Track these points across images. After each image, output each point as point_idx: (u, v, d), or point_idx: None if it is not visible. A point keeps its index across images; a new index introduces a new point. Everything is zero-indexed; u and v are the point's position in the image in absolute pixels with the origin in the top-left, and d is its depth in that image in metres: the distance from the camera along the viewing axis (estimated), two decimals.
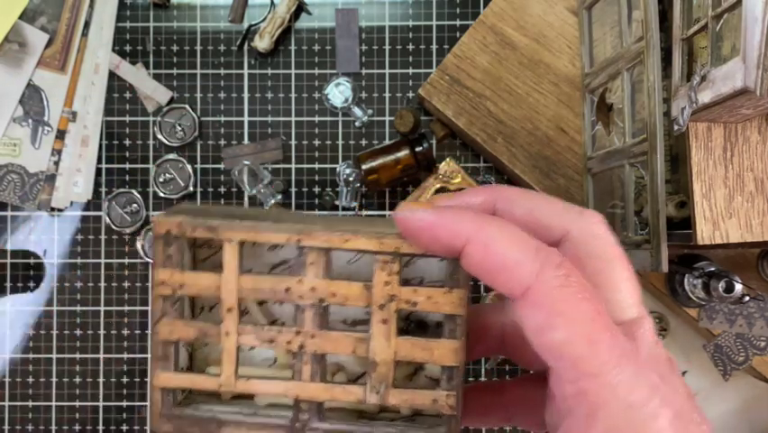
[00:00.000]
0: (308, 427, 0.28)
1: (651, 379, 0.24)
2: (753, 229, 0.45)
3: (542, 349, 0.24)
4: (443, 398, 0.28)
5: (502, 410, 0.32)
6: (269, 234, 0.27)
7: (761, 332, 0.58)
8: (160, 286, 0.28)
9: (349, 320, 0.32)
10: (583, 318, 0.23)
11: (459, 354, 0.28)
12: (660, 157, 0.45)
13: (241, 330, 0.28)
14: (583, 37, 0.57)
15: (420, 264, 0.32)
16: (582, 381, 0.23)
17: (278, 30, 0.61)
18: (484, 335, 0.31)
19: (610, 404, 0.23)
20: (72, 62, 0.62)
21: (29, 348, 0.62)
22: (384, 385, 0.28)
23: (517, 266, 0.24)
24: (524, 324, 0.25)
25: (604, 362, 0.23)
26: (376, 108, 0.62)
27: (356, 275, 0.28)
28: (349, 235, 0.27)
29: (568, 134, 0.58)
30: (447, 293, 0.27)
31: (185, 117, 0.62)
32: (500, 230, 0.25)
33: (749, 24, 0.36)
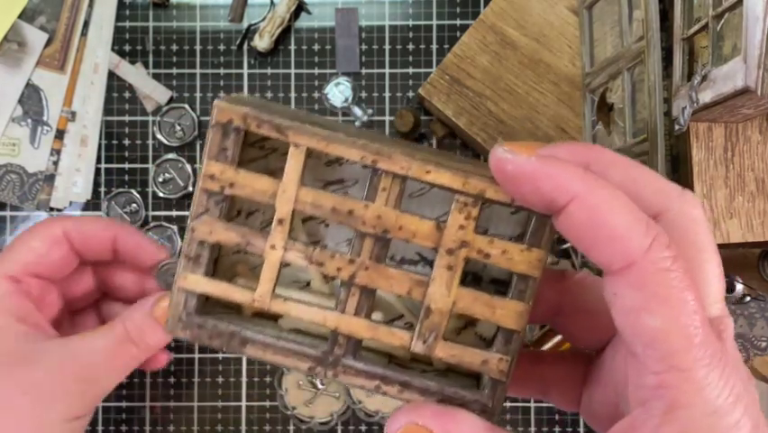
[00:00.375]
0: (341, 362, 0.26)
1: (737, 386, 0.22)
2: (754, 229, 0.45)
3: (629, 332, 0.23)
4: (494, 361, 0.26)
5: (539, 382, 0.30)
6: (343, 148, 0.25)
7: (761, 332, 0.57)
8: (208, 180, 0.25)
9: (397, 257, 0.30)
10: (685, 309, 0.22)
11: (523, 318, 0.26)
12: (660, 157, 0.45)
13: (289, 246, 0.25)
14: (584, 36, 0.57)
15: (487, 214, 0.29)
16: (669, 374, 0.22)
17: (277, 29, 0.61)
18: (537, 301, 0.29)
19: (693, 406, 0.21)
20: (71, 62, 0.62)
21: None
22: (434, 335, 0.26)
23: (626, 238, 0.22)
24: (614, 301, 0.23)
25: (696, 359, 0.21)
26: (376, 108, 0.62)
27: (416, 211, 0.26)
28: (431, 167, 0.24)
29: (568, 134, 0.58)
30: (525, 251, 0.25)
31: (184, 117, 0.62)
32: (612, 195, 0.22)
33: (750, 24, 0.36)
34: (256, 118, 0.25)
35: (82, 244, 0.43)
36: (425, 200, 0.28)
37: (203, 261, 0.26)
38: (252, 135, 0.26)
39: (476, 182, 0.24)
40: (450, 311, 0.25)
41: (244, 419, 0.62)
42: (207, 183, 0.25)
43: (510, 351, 0.26)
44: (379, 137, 0.29)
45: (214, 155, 0.25)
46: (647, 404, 0.22)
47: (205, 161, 0.26)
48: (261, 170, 0.26)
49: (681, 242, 0.24)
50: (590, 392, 0.27)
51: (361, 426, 0.61)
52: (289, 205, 0.25)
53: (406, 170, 0.24)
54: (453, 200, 0.25)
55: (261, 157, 0.29)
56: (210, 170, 0.25)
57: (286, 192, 0.25)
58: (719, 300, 0.24)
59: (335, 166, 0.29)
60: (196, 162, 0.62)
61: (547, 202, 0.23)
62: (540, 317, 0.30)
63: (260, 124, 0.25)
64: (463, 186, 0.24)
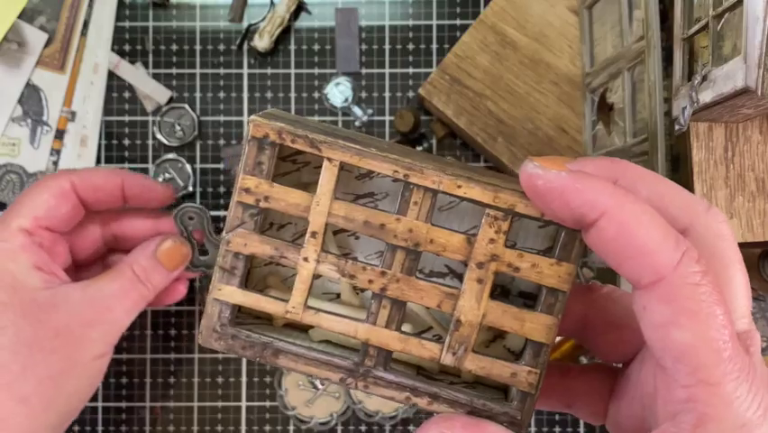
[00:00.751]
0: (372, 374, 0.27)
1: (766, 399, 0.22)
2: (754, 229, 0.45)
3: (659, 346, 0.23)
4: (524, 373, 0.26)
5: (564, 395, 0.30)
6: (376, 163, 0.25)
7: (762, 331, 0.57)
8: (243, 193, 0.26)
9: (426, 270, 0.30)
10: (714, 323, 0.22)
11: (552, 331, 0.26)
12: (660, 157, 0.45)
13: (322, 258, 0.26)
14: (584, 36, 0.57)
15: (515, 228, 0.29)
16: (698, 388, 0.22)
17: (277, 29, 0.61)
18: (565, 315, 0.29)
19: (723, 419, 0.22)
20: (71, 62, 0.62)
21: None
22: (464, 348, 0.26)
23: (656, 253, 0.22)
24: (643, 315, 0.23)
25: (726, 373, 0.22)
26: (376, 108, 0.62)
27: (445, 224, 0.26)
28: (462, 181, 0.25)
29: (568, 134, 0.58)
30: (555, 265, 0.25)
31: (184, 117, 0.62)
32: (642, 210, 0.23)
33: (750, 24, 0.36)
34: (291, 133, 0.25)
35: (91, 195, 0.46)
36: (454, 214, 0.29)
37: (237, 272, 0.27)
38: (285, 150, 0.26)
39: (506, 197, 0.25)
40: (479, 324, 0.26)
41: (244, 419, 0.62)
42: (243, 196, 0.26)
43: (539, 364, 0.26)
44: (410, 151, 0.29)
45: (250, 169, 0.26)
46: (677, 418, 0.22)
47: (241, 174, 0.26)
48: (294, 183, 0.27)
49: (708, 256, 0.24)
50: (617, 406, 0.27)
51: (361, 426, 0.61)
52: (323, 218, 0.26)
53: (438, 184, 0.25)
54: (484, 214, 0.25)
55: (294, 171, 0.29)
56: (246, 183, 0.26)
57: (319, 205, 0.26)
58: (746, 315, 0.24)
59: (366, 180, 0.30)
60: (196, 163, 0.62)
61: (577, 217, 0.23)
62: (567, 330, 0.30)
63: (294, 139, 0.25)
64: (494, 200, 0.25)
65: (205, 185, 0.62)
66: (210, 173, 0.62)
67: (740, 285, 0.25)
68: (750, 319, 0.25)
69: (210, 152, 0.62)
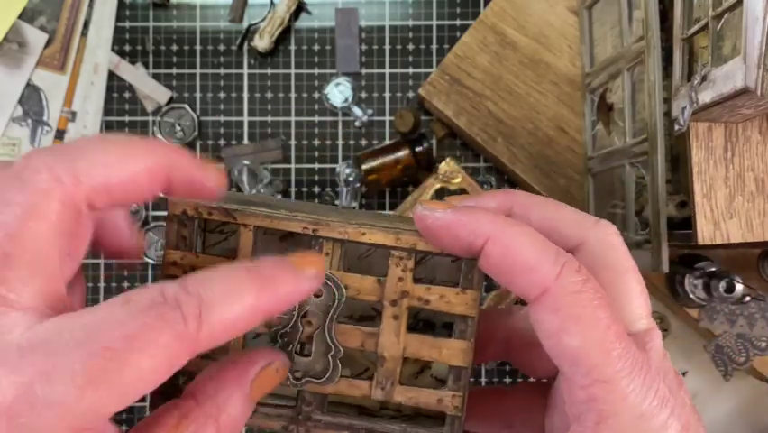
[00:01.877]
0: (311, 418, 0.28)
1: (661, 391, 0.24)
2: (753, 229, 0.45)
3: (555, 353, 0.24)
4: (448, 398, 0.28)
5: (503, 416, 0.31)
6: (286, 223, 0.27)
7: (762, 332, 0.57)
8: (171, 266, 0.28)
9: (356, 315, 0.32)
10: (599, 325, 0.23)
11: (468, 354, 0.28)
12: (660, 157, 0.45)
13: None
14: (584, 37, 0.57)
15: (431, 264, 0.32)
16: (594, 387, 0.23)
17: (277, 29, 0.61)
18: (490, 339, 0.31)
19: (621, 413, 0.23)
20: (71, 62, 0.62)
21: None
22: (390, 381, 0.28)
23: (537, 268, 0.24)
24: (538, 327, 0.25)
25: (617, 370, 0.23)
26: (376, 108, 0.62)
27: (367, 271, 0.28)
28: (366, 229, 0.27)
29: (568, 134, 0.58)
30: (460, 293, 0.27)
31: (184, 117, 0.62)
32: (521, 231, 0.25)
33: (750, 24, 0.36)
34: (206, 207, 0.27)
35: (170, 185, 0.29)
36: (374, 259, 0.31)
37: None
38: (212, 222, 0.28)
39: (407, 237, 0.27)
40: (401, 357, 0.28)
41: None
42: (170, 270, 0.28)
43: (461, 387, 0.28)
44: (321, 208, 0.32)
45: (174, 244, 0.28)
46: (580, 418, 0.24)
47: (166, 249, 0.28)
48: (224, 251, 0.29)
49: (601, 266, 0.26)
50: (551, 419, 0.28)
51: None
52: None
53: (344, 234, 0.27)
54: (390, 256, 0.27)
55: (223, 240, 0.31)
56: (171, 257, 0.28)
57: None
58: (644, 316, 0.26)
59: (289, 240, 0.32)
60: None
61: (466, 247, 0.25)
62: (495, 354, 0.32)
63: (210, 212, 0.27)
64: (396, 242, 0.27)
65: None
66: None
67: (634, 289, 0.26)
68: (649, 320, 0.26)
69: (210, 152, 0.62)
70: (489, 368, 0.63)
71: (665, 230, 0.44)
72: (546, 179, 0.58)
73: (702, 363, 0.62)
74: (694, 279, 0.55)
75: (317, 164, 0.62)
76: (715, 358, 0.59)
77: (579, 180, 0.57)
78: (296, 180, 0.62)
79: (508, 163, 0.58)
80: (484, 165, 0.62)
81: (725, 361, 0.58)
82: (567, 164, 0.58)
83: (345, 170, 0.61)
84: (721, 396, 0.64)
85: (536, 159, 0.58)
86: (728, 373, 0.59)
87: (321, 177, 0.62)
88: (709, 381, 0.63)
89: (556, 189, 0.58)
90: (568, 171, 0.58)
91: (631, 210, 0.49)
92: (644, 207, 0.49)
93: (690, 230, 0.46)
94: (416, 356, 0.28)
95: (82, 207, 0.23)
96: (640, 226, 0.49)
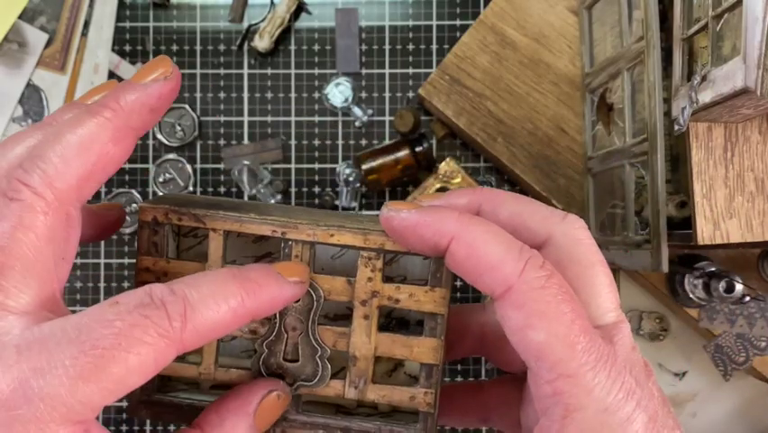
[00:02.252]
0: (286, 418, 0.29)
1: (627, 383, 0.24)
2: (753, 229, 0.45)
3: (521, 349, 0.25)
4: (420, 395, 0.28)
5: (480, 410, 0.32)
6: (254, 227, 0.28)
7: (761, 332, 0.57)
8: (143, 272, 0.28)
9: (331, 315, 0.32)
10: (563, 320, 0.24)
11: (438, 352, 0.28)
12: (660, 157, 0.45)
13: None
14: (583, 37, 0.57)
15: (403, 263, 0.32)
16: (559, 382, 0.24)
17: (278, 30, 0.61)
18: (464, 335, 0.32)
19: (586, 406, 0.23)
20: (72, 62, 0.62)
21: None
22: (363, 380, 0.28)
23: (501, 265, 0.24)
24: (504, 323, 0.25)
25: (581, 364, 0.23)
26: (376, 108, 0.62)
27: (339, 272, 0.29)
28: (334, 230, 0.27)
29: (568, 134, 0.58)
30: (429, 291, 0.28)
31: (184, 117, 0.62)
32: (485, 230, 0.25)
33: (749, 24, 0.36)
34: (176, 212, 0.28)
35: None
36: (347, 261, 0.31)
37: None
38: (185, 227, 0.29)
39: (375, 238, 0.27)
40: (373, 356, 0.28)
41: None
42: (143, 276, 0.28)
43: (433, 384, 0.28)
44: (293, 210, 0.32)
45: (145, 250, 0.28)
46: (547, 412, 0.24)
47: (138, 256, 0.28)
48: (199, 255, 0.29)
49: (568, 260, 0.26)
50: (526, 413, 0.29)
51: None
52: None
53: (313, 236, 0.27)
54: (359, 256, 0.28)
55: (197, 244, 0.32)
56: (144, 264, 0.28)
57: None
58: (613, 309, 0.26)
59: (262, 242, 0.32)
60: (197, 163, 0.62)
61: (432, 246, 0.26)
62: (469, 349, 0.32)
63: (180, 217, 0.28)
64: (365, 243, 0.27)
65: (206, 185, 0.62)
66: (210, 173, 0.62)
67: (602, 283, 0.26)
68: (617, 313, 0.26)
69: (210, 153, 0.62)
70: (489, 368, 0.63)
71: (665, 230, 0.44)
72: (546, 179, 0.58)
73: (702, 363, 0.62)
74: (694, 279, 0.56)
75: (317, 164, 0.62)
76: (715, 358, 0.59)
77: (579, 180, 0.58)
78: (296, 180, 0.62)
79: (508, 163, 0.58)
80: (484, 165, 0.62)
81: (724, 361, 0.59)
82: (567, 164, 0.58)
83: (345, 170, 0.61)
84: (721, 396, 0.64)
85: (536, 159, 0.58)
86: (728, 372, 0.59)
87: (321, 177, 0.62)
88: (709, 381, 0.63)
89: (556, 189, 0.58)
90: (568, 171, 0.58)
91: (631, 210, 0.49)
92: (644, 207, 0.50)
93: (689, 230, 0.46)
94: (388, 355, 0.28)
95: (69, 209, 0.24)
96: (640, 226, 0.49)
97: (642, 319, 0.62)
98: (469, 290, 0.62)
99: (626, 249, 0.49)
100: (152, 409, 0.29)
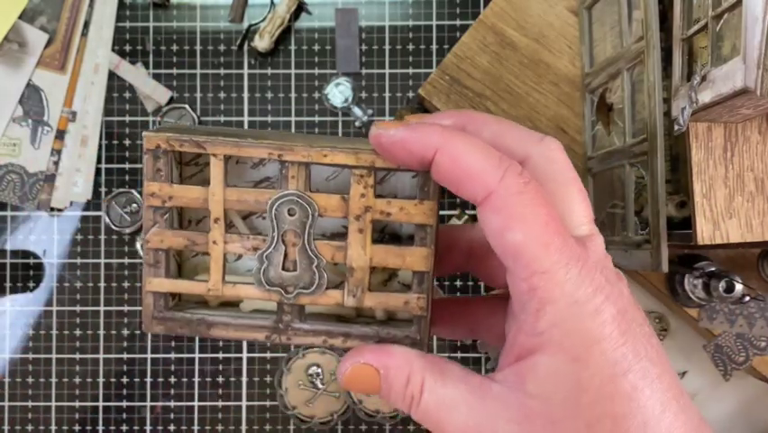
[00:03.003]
0: (291, 327, 0.31)
1: (597, 279, 0.26)
2: (753, 229, 0.45)
3: (500, 251, 0.26)
4: (414, 300, 0.30)
5: (468, 321, 0.34)
6: (252, 150, 0.29)
7: (761, 332, 0.57)
8: (150, 197, 0.30)
9: (328, 233, 0.34)
10: (538, 222, 0.25)
11: (429, 259, 0.30)
12: (660, 157, 0.45)
13: (227, 239, 0.30)
14: (583, 37, 0.57)
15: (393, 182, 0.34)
16: (534, 278, 0.25)
17: (278, 30, 0.61)
18: (453, 250, 0.34)
19: (557, 299, 0.25)
20: (72, 62, 0.62)
21: (29, 348, 0.62)
22: (360, 289, 0.30)
23: (482, 173, 0.26)
24: (485, 227, 0.27)
25: (554, 261, 0.25)
26: (376, 108, 0.62)
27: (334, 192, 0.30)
28: (327, 151, 0.29)
29: (568, 134, 0.58)
30: (418, 204, 0.29)
31: (184, 117, 0.62)
32: (468, 141, 0.27)
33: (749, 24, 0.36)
34: (178, 139, 0.29)
35: None
36: (341, 181, 0.33)
37: (161, 265, 0.31)
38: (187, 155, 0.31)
39: (366, 156, 0.29)
40: (369, 266, 0.30)
41: (244, 418, 0.62)
42: (150, 200, 0.30)
43: (424, 289, 0.30)
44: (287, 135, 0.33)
45: (151, 177, 0.30)
46: (524, 307, 0.26)
47: (145, 182, 0.30)
48: (201, 182, 0.31)
49: (544, 178, 0.28)
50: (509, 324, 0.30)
51: (362, 426, 0.61)
52: (220, 205, 0.30)
53: (307, 157, 0.29)
54: (351, 174, 0.29)
55: (199, 171, 0.33)
56: (150, 189, 0.30)
57: (215, 195, 0.30)
58: (586, 222, 0.28)
59: (260, 167, 0.34)
60: None
61: (419, 159, 0.27)
62: (457, 265, 0.34)
63: (182, 144, 0.29)
64: (357, 161, 0.29)
65: None
66: None
67: (575, 197, 0.28)
68: (591, 226, 0.28)
69: None
70: (489, 367, 0.63)
71: (665, 230, 0.44)
72: None
73: (702, 362, 0.62)
74: (694, 279, 0.56)
75: None
76: (714, 358, 0.59)
77: None
78: None
79: None
80: None
81: (724, 361, 0.59)
82: None
83: None
84: (721, 396, 0.64)
85: None
86: (728, 372, 0.59)
87: None
88: (709, 380, 0.63)
89: None
90: None
91: (631, 210, 0.49)
92: (644, 206, 0.50)
93: (689, 230, 0.46)
94: (382, 265, 0.30)
95: None
96: (640, 226, 0.49)
97: None
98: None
99: (626, 249, 0.49)
100: (165, 323, 0.31)
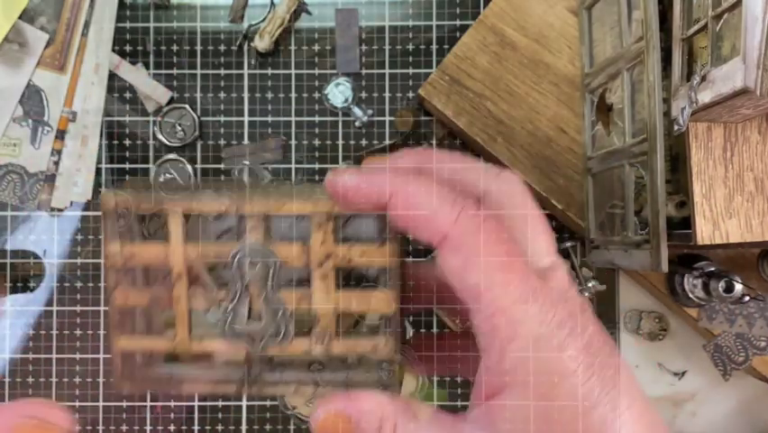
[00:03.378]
0: (261, 379, 0.31)
1: (559, 314, 0.26)
2: (753, 229, 0.45)
3: (461, 292, 0.26)
4: (381, 344, 0.31)
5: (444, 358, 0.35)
6: (210, 204, 0.30)
7: (761, 332, 0.58)
8: (111, 258, 0.30)
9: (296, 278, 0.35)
10: (496, 260, 0.26)
11: (393, 302, 0.30)
12: (660, 157, 0.45)
13: (191, 294, 0.30)
14: (583, 37, 0.57)
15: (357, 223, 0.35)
16: (495, 317, 0.26)
17: (278, 30, 0.61)
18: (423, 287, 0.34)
19: (520, 337, 0.25)
20: (72, 62, 0.62)
21: (29, 348, 0.62)
22: (328, 336, 0.31)
23: (435, 216, 0.26)
24: (445, 269, 0.27)
25: (514, 299, 0.25)
26: (376, 108, 0.62)
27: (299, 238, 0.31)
28: (284, 201, 0.30)
29: (568, 134, 0.58)
30: (379, 247, 0.30)
31: (185, 117, 0.62)
32: (420, 185, 0.27)
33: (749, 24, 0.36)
34: (135, 198, 0.30)
35: None
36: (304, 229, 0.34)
37: (127, 323, 0.31)
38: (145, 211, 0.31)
39: (323, 204, 0.29)
40: (334, 312, 0.30)
41: (244, 418, 0.62)
42: (112, 261, 0.30)
43: (392, 332, 0.30)
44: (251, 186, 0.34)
45: (110, 237, 0.30)
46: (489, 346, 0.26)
47: (104, 243, 0.30)
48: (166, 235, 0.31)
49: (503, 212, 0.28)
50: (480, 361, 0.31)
51: None
52: (180, 261, 0.30)
53: (266, 208, 0.30)
54: (311, 223, 0.30)
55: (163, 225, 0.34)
56: (110, 249, 0.30)
57: (175, 252, 0.30)
58: (549, 254, 0.29)
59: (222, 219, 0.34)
60: (197, 163, 0.62)
61: (374, 205, 0.28)
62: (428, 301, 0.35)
63: (139, 203, 0.30)
64: (314, 208, 0.29)
65: None
66: (211, 173, 0.62)
67: (536, 229, 0.29)
68: (554, 257, 0.29)
69: (211, 153, 0.63)
70: None
71: (665, 230, 0.44)
72: (546, 180, 0.58)
73: (701, 362, 0.62)
74: (693, 279, 0.56)
75: (317, 164, 0.62)
76: (714, 358, 0.59)
77: (578, 180, 0.58)
78: (296, 180, 0.62)
79: (508, 164, 0.58)
80: None
81: (724, 361, 0.59)
82: (567, 164, 0.58)
83: None
84: (720, 396, 0.64)
85: (536, 159, 0.58)
86: (728, 372, 0.59)
87: (321, 177, 0.62)
88: (709, 380, 0.63)
89: (556, 189, 0.58)
90: (568, 171, 0.58)
91: (630, 210, 0.49)
92: (644, 206, 0.50)
93: (689, 230, 0.46)
94: (348, 310, 0.30)
95: None
96: (639, 226, 0.49)
97: (641, 319, 0.62)
98: None
99: (626, 249, 0.49)
100: (135, 382, 0.31)
